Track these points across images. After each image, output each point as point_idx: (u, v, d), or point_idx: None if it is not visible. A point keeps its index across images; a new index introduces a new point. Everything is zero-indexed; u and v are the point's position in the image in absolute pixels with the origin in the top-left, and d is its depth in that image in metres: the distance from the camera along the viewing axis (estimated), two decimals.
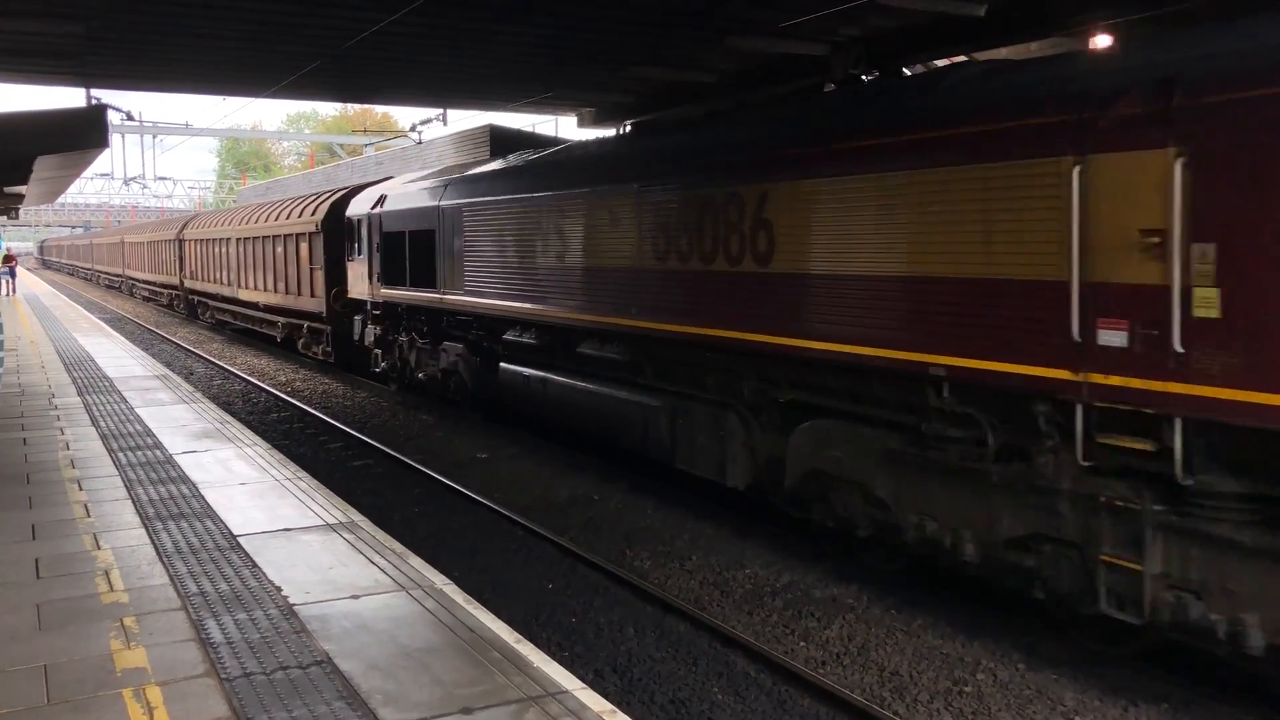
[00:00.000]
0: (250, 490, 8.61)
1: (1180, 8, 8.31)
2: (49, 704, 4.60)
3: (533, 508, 10.75)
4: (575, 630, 7.60)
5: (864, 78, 10.86)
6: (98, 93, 17.72)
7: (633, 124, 13.85)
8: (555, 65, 13.45)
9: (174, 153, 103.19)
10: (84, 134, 13.43)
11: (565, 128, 47.51)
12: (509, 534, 9.99)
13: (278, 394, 19.18)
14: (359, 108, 70.93)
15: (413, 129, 32.18)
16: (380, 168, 29.45)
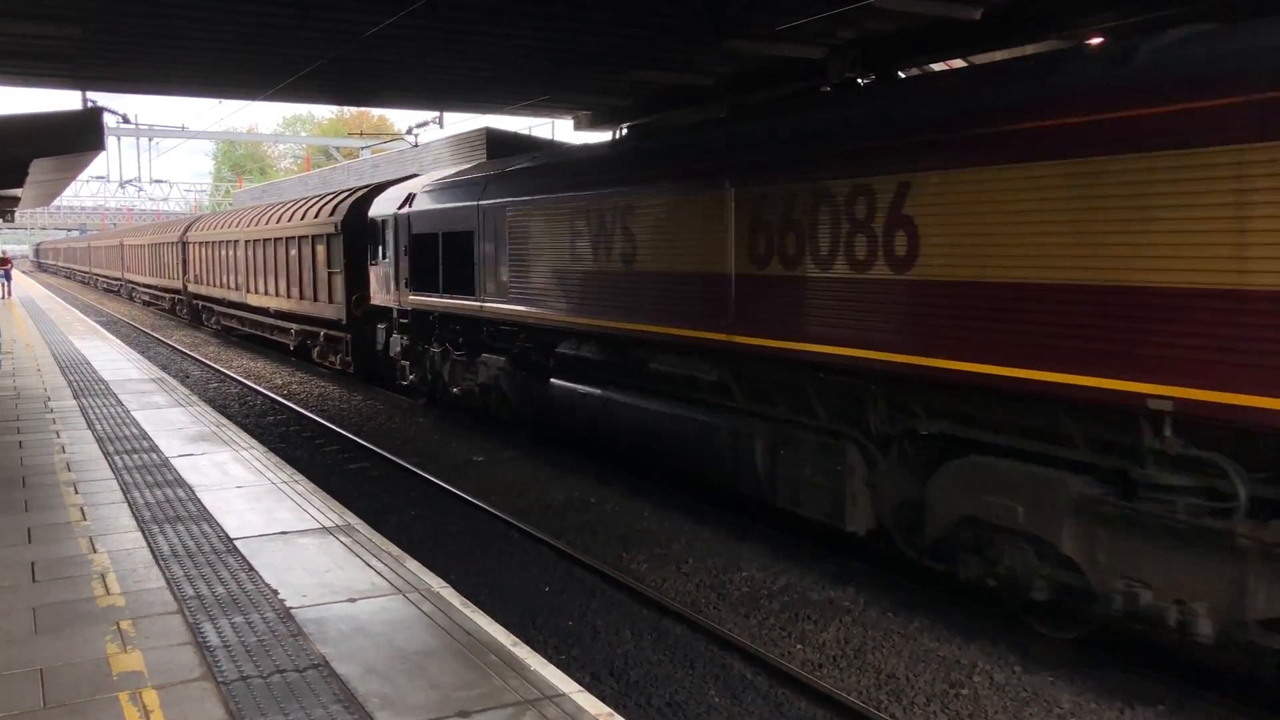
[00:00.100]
0: (247, 493, 8.60)
1: (1176, 10, 8.35)
2: (45, 707, 4.59)
3: (529, 510, 10.75)
4: (572, 633, 7.60)
5: (860, 81, 10.90)
6: (93, 95, 17.66)
7: (733, 109, 11.99)
8: (553, 68, 13.47)
9: (170, 155, 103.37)
10: (80, 136, 13.43)
11: (562, 130, 47.52)
12: (506, 537, 9.98)
13: (274, 397, 19.17)
14: (355, 111, 71.02)
15: (409, 132, 32.20)
16: (376, 170, 29.47)
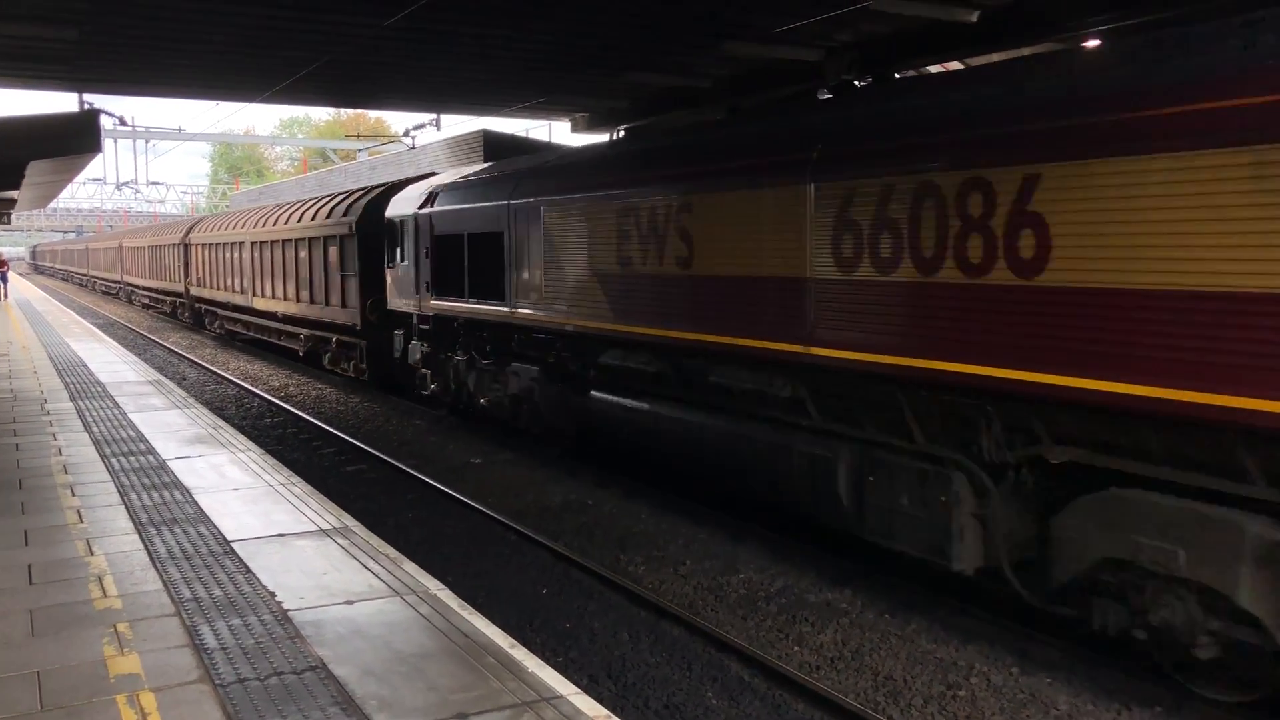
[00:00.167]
0: (244, 496, 8.59)
1: (1170, 14, 8.37)
2: (42, 710, 4.59)
3: (526, 513, 10.75)
4: (570, 635, 7.60)
5: (857, 83, 10.91)
6: (90, 97, 17.65)
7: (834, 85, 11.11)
8: (551, 71, 13.47)
9: (167, 158, 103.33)
10: (76, 139, 13.45)
11: (559, 133, 47.63)
12: (503, 539, 9.98)
13: (271, 399, 19.15)
14: (352, 113, 71.16)
15: (406, 134, 32.25)
16: (374, 172, 29.47)
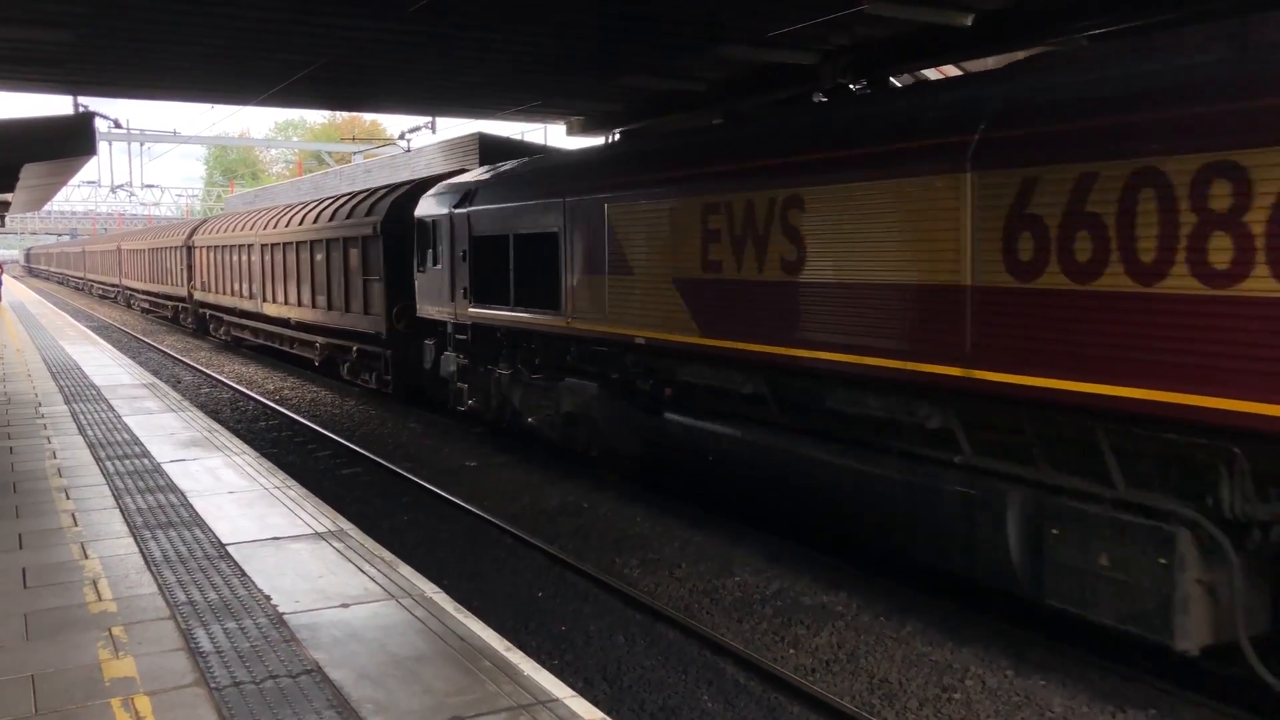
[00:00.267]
0: (239, 499, 8.58)
1: (1165, 18, 8.39)
2: (37, 714, 4.58)
3: (522, 515, 10.75)
4: (565, 638, 7.60)
5: (852, 87, 10.95)
6: (85, 100, 17.63)
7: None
8: (547, 74, 13.48)
9: (161, 160, 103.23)
10: (71, 141, 13.44)
11: (554, 136, 47.56)
12: (498, 542, 9.98)
13: (266, 402, 19.13)
14: (347, 115, 71.08)
15: (401, 137, 32.26)
16: (369, 175, 29.45)
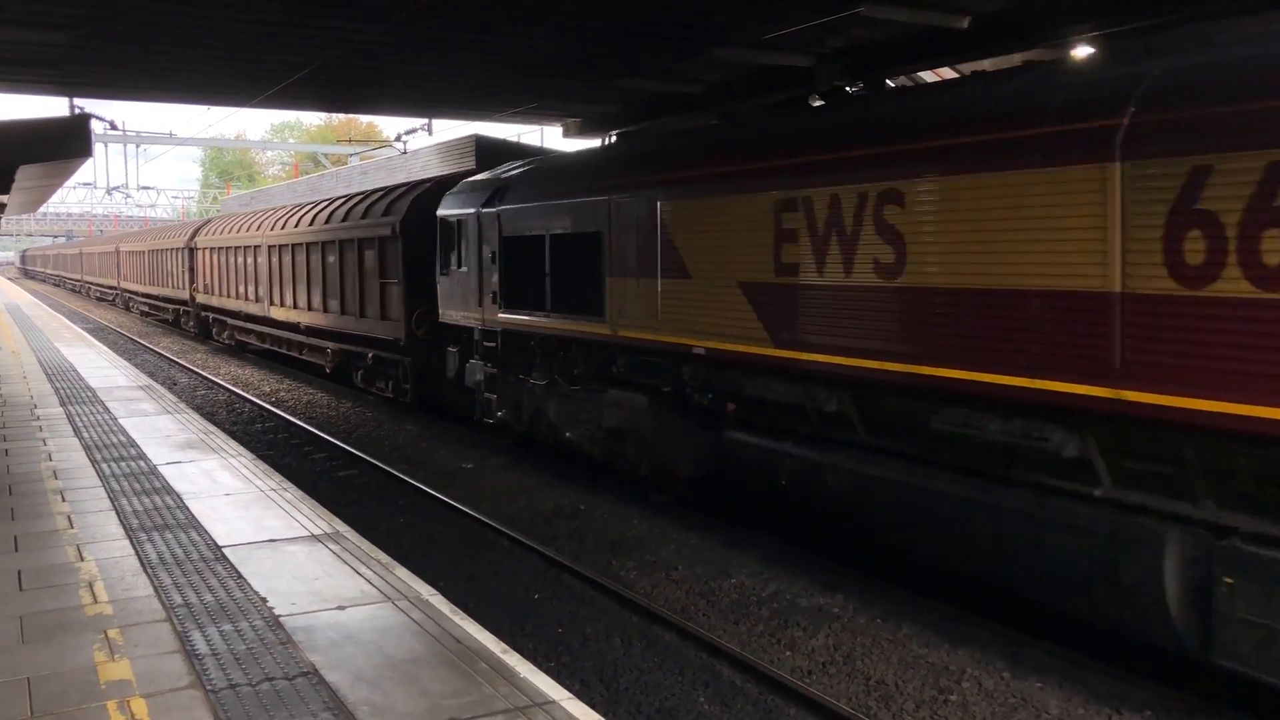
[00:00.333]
0: (235, 501, 8.57)
1: (1160, 20, 8.41)
2: (33, 716, 4.57)
3: (518, 518, 10.75)
4: (561, 640, 7.60)
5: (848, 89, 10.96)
6: (81, 101, 17.61)
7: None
8: (543, 77, 13.49)
9: (157, 162, 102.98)
10: (67, 143, 13.42)
11: (551, 138, 47.55)
12: (495, 544, 9.98)
13: (262, 404, 19.12)
14: (344, 117, 71.04)
15: (398, 138, 32.24)
16: (365, 177, 29.43)
